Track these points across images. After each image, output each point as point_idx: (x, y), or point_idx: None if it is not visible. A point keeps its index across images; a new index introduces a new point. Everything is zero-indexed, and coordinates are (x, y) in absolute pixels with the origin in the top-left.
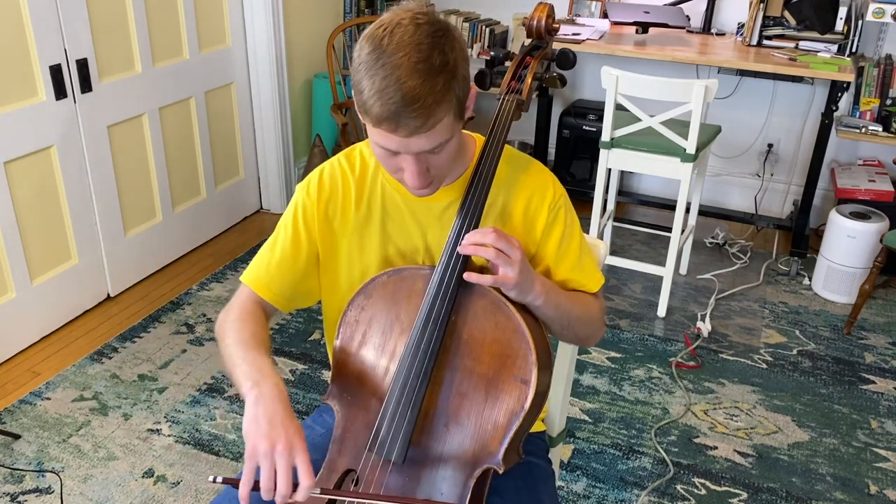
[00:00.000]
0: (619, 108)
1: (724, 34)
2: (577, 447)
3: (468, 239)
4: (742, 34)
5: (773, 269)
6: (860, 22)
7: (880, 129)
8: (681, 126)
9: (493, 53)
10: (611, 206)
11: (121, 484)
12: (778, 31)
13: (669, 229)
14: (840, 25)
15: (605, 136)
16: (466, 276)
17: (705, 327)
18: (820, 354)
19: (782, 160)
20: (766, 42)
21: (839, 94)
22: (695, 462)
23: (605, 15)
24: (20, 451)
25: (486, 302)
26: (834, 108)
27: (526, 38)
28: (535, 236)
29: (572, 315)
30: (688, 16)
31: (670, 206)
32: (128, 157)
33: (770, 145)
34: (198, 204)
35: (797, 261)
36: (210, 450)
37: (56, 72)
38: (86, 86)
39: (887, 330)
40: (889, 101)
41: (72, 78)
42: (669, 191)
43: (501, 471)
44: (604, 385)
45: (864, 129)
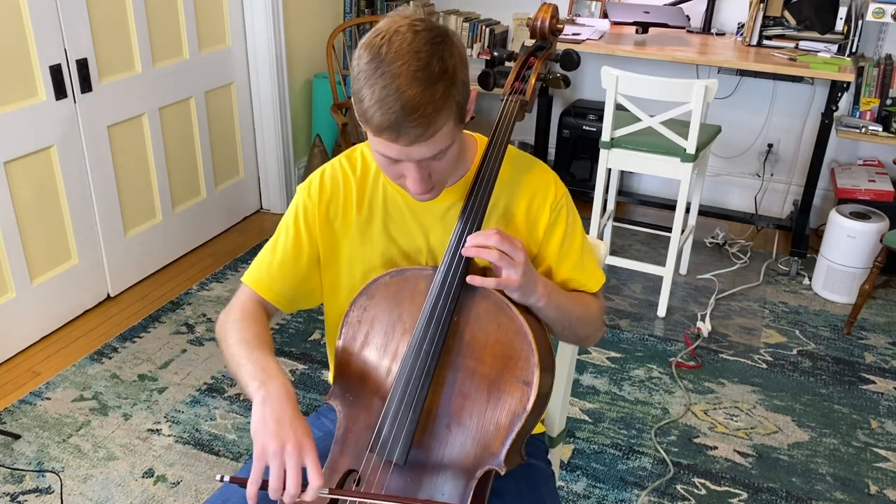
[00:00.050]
0: (619, 108)
1: (724, 34)
2: (577, 447)
3: (471, 241)
4: (742, 34)
5: (773, 269)
6: (860, 22)
7: (880, 129)
8: (681, 126)
9: (496, 54)
10: (611, 206)
11: (121, 484)
12: (778, 31)
13: (669, 229)
14: (840, 25)
15: (605, 136)
16: (469, 280)
17: (705, 327)
18: (820, 354)
19: (782, 160)
20: (766, 42)
21: (839, 94)
22: (695, 462)
23: (605, 15)
24: (20, 451)
25: (488, 303)
26: (834, 108)
27: (529, 39)
28: (537, 236)
29: (573, 316)
30: (688, 16)
31: (670, 206)
32: (128, 157)
33: (770, 145)
34: (198, 204)
35: (797, 261)
36: (210, 450)
37: (56, 72)
38: (86, 86)
39: (887, 330)
40: (889, 101)
41: (72, 78)
42: (669, 191)
43: (503, 472)
44: (604, 385)
45: (864, 129)
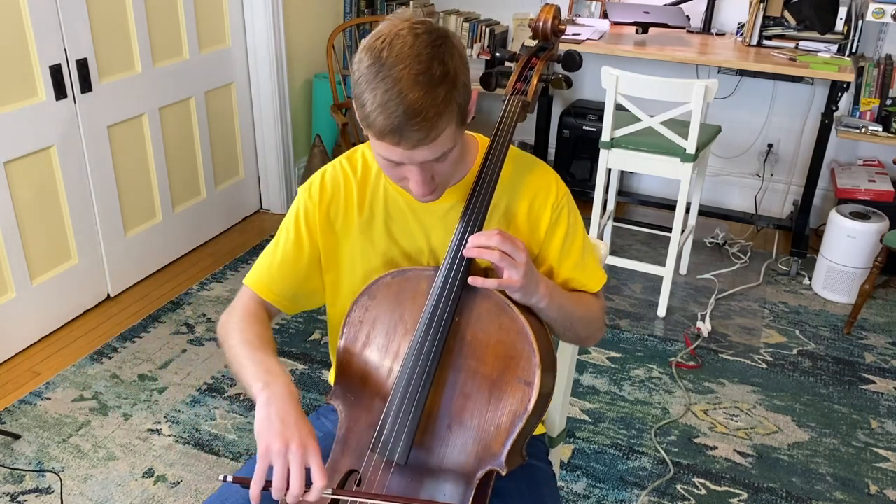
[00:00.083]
0: (619, 108)
1: (724, 34)
2: (577, 447)
3: (473, 241)
4: (742, 34)
5: (773, 269)
6: (860, 22)
7: (880, 129)
8: (681, 126)
9: (497, 54)
10: (611, 206)
11: (121, 484)
12: (778, 31)
13: (669, 229)
14: (840, 25)
15: (605, 136)
16: (471, 281)
17: (705, 327)
18: (820, 354)
19: (782, 160)
20: (766, 42)
21: (839, 94)
22: (695, 462)
23: (605, 15)
24: (20, 451)
25: (490, 304)
26: (834, 108)
27: (531, 39)
28: (538, 236)
29: (574, 316)
30: (688, 16)
31: (670, 206)
32: (128, 157)
33: (770, 145)
34: (198, 204)
35: (797, 261)
36: (210, 450)
37: (56, 72)
38: (86, 86)
39: (887, 330)
40: (889, 101)
41: (72, 78)
42: (669, 191)
43: (504, 472)
44: (604, 385)
45: (864, 129)
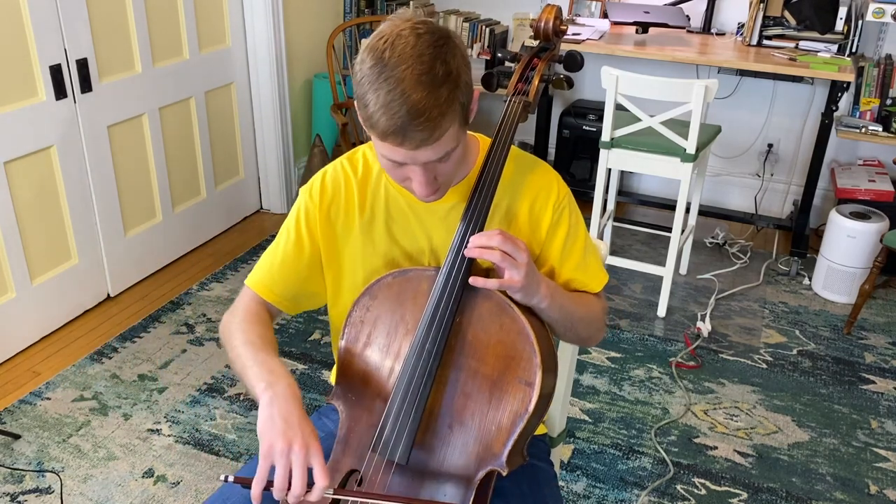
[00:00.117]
0: (619, 108)
1: (724, 34)
2: (577, 447)
3: (474, 241)
4: (742, 34)
5: (773, 269)
6: (860, 22)
7: (880, 129)
8: (681, 126)
9: (498, 55)
10: (611, 206)
11: (121, 484)
12: (778, 31)
13: (669, 229)
14: (840, 25)
15: (605, 136)
16: (472, 281)
17: (705, 327)
18: (820, 354)
19: (782, 160)
20: (766, 42)
21: (839, 94)
22: (695, 462)
23: (605, 15)
24: (20, 451)
25: (491, 304)
26: (834, 108)
27: (532, 40)
28: (539, 237)
29: (576, 316)
30: (688, 16)
31: (670, 206)
32: (128, 157)
33: (770, 145)
34: (198, 204)
35: (797, 261)
36: (210, 450)
37: (56, 72)
38: (86, 86)
39: (887, 330)
40: (889, 101)
41: (72, 78)
42: (669, 191)
43: (505, 473)
44: (604, 385)
45: (864, 129)
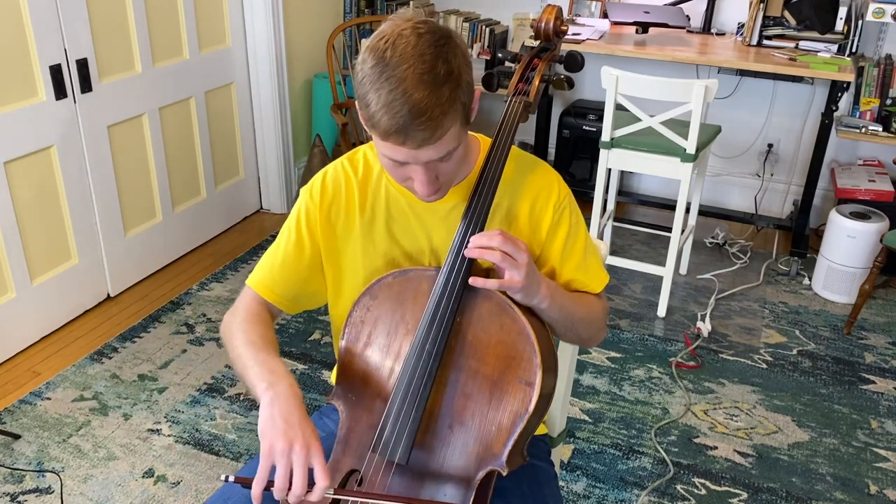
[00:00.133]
0: (619, 108)
1: (724, 34)
2: (577, 447)
3: (474, 242)
4: (742, 34)
5: (773, 269)
6: (860, 22)
7: (880, 129)
8: (681, 126)
9: (500, 55)
10: (611, 206)
11: (121, 484)
12: (778, 31)
13: (669, 229)
14: (840, 25)
15: (605, 136)
16: (472, 281)
17: (705, 327)
18: (820, 354)
19: (782, 160)
20: (766, 42)
21: (839, 94)
22: (695, 462)
23: (605, 15)
24: (20, 451)
25: (491, 304)
26: (834, 108)
27: (533, 40)
28: (540, 237)
29: (576, 317)
30: (688, 16)
31: (670, 206)
32: (128, 157)
33: (770, 145)
34: (198, 204)
35: (797, 261)
36: (210, 450)
37: (56, 72)
38: (86, 86)
39: (887, 330)
40: (889, 101)
41: (72, 78)
42: (669, 191)
43: (505, 473)
44: (604, 385)
45: (864, 129)
